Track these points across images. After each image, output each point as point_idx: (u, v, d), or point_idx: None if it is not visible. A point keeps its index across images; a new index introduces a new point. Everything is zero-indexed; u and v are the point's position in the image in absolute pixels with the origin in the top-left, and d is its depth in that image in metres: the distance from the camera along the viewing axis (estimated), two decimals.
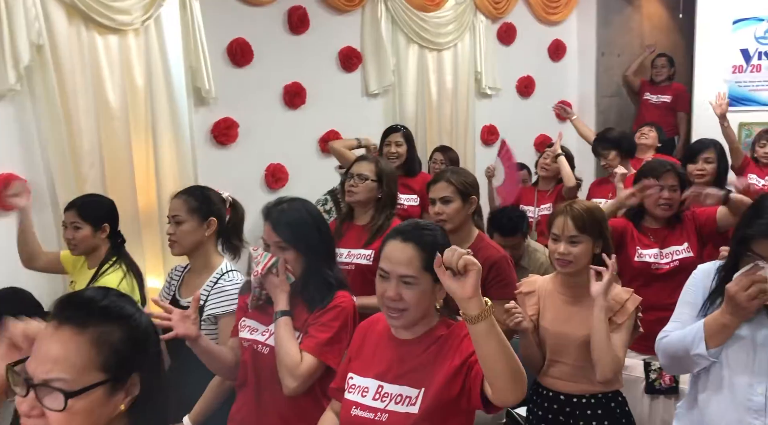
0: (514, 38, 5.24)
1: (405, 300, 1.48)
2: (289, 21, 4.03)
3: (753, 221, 1.53)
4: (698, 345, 1.60)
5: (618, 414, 2.01)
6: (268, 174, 4.04)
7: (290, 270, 1.82)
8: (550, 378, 2.07)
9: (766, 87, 4.85)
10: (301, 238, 1.82)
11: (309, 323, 1.80)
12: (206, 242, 2.23)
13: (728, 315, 1.55)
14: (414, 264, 1.48)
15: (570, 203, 2.10)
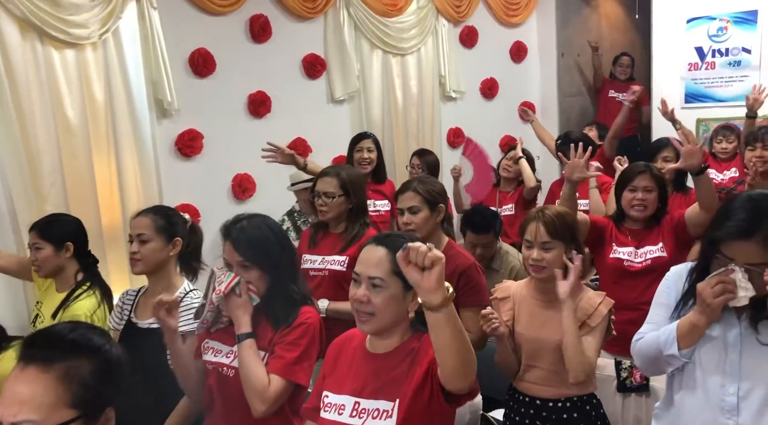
0: (476, 41, 5.29)
1: (373, 303, 1.50)
2: (251, 29, 4.00)
3: (722, 223, 1.54)
4: (671, 346, 1.63)
5: (594, 416, 2.04)
6: (235, 185, 4.00)
7: (253, 290, 1.79)
8: (526, 383, 2.09)
9: (721, 83, 4.99)
10: (264, 256, 1.80)
11: (275, 342, 1.77)
12: (169, 262, 2.20)
13: (698, 315, 1.57)
14: (383, 266, 1.50)
15: (542, 209, 2.12)
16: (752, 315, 1.57)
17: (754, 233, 1.48)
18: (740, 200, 1.57)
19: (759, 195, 1.59)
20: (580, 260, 2.01)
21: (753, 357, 1.57)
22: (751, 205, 1.53)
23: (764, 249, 1.48)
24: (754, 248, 1.48)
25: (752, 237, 1.48)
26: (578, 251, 2.08)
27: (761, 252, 1.48)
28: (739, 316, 1.60)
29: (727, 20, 4.91)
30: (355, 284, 1.54)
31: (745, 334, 1.59)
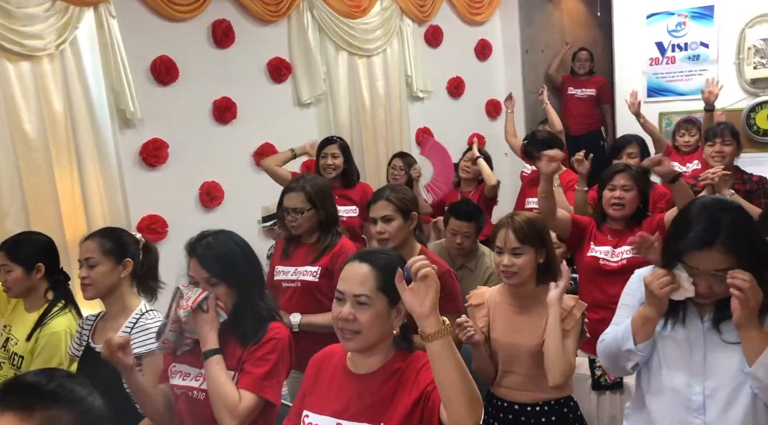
0: (441, 40, 5.29)
1: (359, 321, 1.47)
2: (214, 35, 3.93)
3: (683, 235, 1.57)
4: (627, 341, 1.66)
5: (571, 419, 2.06)
6: (203, 193, 3.94)
7: (221, 306, 1.76)
8: (503, 388, 2.10)
9: (681, 77, 5.09)
10: (230, 272, 1.76)
11: (244, 359, 1.74)
12: (121, 284, 2.14)
13: (647, 307, 1.62)
14: (368, 283, 1.48)
15: (511, 215, 2.13)
16: (714, 317, 1.61)
17: (715, 241, 1.52)
18: (695, 210, 1.60)
19: (712, 202, 1.63)
20: (566, 267, 2.03)
21: (717, 357, 1.61)
22: (708, 213, 1.56)
23: (725, 256, 1.52)
24: (717, 256, 1.52)
25: (713, 246, 1.52)
26: (548, 256, 2.10)
27: (722, 259, 1.52)
28: (702, 317, 1.64)
29: (686, 15, 5.01)
30: (338, 302, 1.51)
31: (708, 335, 1.62)
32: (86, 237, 2.16)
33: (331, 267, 2.59)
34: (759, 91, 4.79)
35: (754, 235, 1.59)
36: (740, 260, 1.52)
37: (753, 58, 4.73)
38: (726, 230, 1.52)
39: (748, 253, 1.53)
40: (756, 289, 1.49)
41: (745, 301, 1.48)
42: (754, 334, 1.52)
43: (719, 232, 1.52)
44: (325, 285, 2.57)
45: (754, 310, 1.51)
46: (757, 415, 1.58)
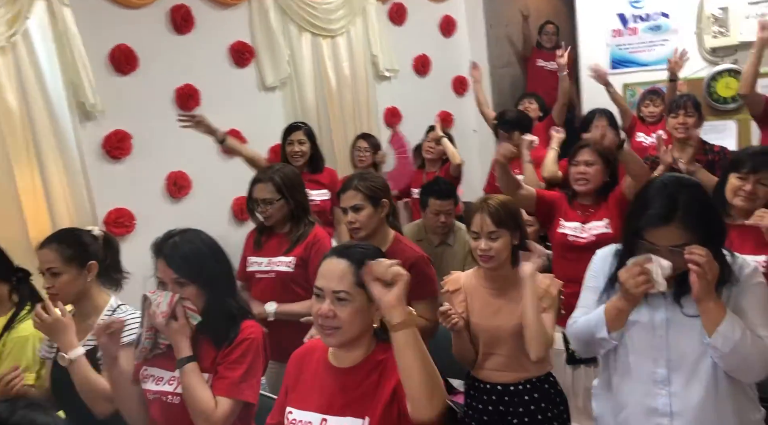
0: (405, 18, 5.24)
1: (339, 317, 1.47)
2: (173, 21, 3.83)
3: (642, 213, 1.62)
4: (601, 330, 1.71)
5: (552, 394, 2.11)
6: (170, 183, 3.87)
7: (193, 309, 1.74)
8: (485, 370, 2.14)
9: (644, 48, 5.13)
10: (199, 272, 1.74)
11: (218, 362, 1.74)
12: (89, 286, 2.10)
13: (622, 301, 1.66)
14: (347, 279, 1.48)
15: (485, 199, 2.15)
16: (675, 292, 1.66)
17: (673, 218, 1.58)
18: (655, 188, 1.65)
19: (671, 180, 1.68)
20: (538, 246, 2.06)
21: (679, 331, 1.67)
22: (667, 192, 1.61)
23: (683, 232, 1.58)
24: (675, 232, 1.58)
25: (671, 222, 1.58)
26: (523, 237, 2.12)
27: (680, 234, 1.58)
28: (664, 295, 1.68)
29: None
30: (318, 299, 1.50)
31: (670, 309, 1.68)
32: (41, 244, 2.08)
33: (305, 257, 2.58)
34: (718, 59, 4.86)
35: (711, 212, 1.66)
36: (697, 236, 1.58)
37: (712, 26, 4.79)
38: (683, 207, 1.58)
39: (705, 229, 1.59)
40: (712, 263, 1.55)
41: (702, 275, 1.54)
42: (711, 306, 1.58)
43: (677, 210, 1.58)
44: (300, 276, 2.56)
45: (711, 284, 1.56)
46: (718, 383, 1.65)
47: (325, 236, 2.73)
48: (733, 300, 1.65)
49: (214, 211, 4.08)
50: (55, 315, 1.70)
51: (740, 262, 1.70)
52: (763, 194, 2.28)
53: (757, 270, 1.71)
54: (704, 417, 1.65)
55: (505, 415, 2.09)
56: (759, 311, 1.65)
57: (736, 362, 1.60)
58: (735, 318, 1.59)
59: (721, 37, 4.77)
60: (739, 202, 2.28)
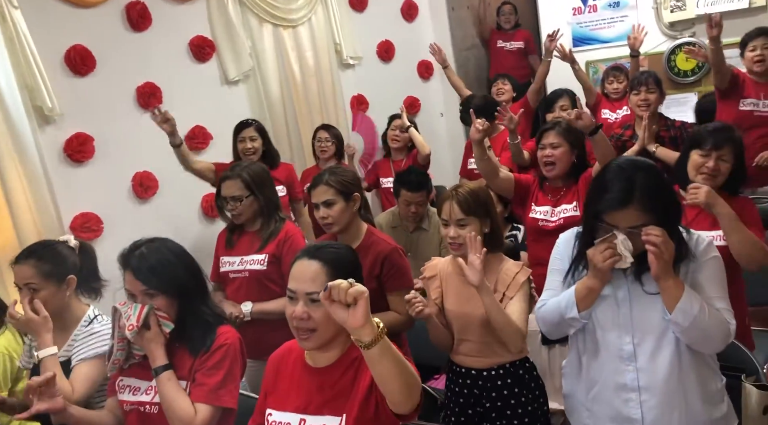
0: (366, 4, 5.20)
1: (313, 318, 1.47)
2: (129, 18, 3.74)
3: (601, 196, 1.67)
4: (571, 310, 1.75)
5: (527, 379, 2.14)
6: (136, 184, 3.81)
7: (164, 316, 1.72)
8: (460, 355, 2.17)
9: (604, 25, 5.18)
10: (168, 281, 1.73)
11: (196, 369, 1.73)
12: (68, 299, 2.07)
13: (592, 279, 1.71)
14: (320, 279, 1.48)
15: (455, 187, 2.16)
16: (636, 270, 1.72)
17: (630, 201, 1.62)
18: (612, 171, 1.70)
19: (627, 163, 1.72)
20: (479, 241, 1.99)
21: (642, 308, 1.73)
22: (624, 175, 1.66)
23: (641, 213, 1.63)
24: (633, 213, 1.63)
25: (629, 205, 1.63)
26: (494, 225, 2.14)
27: (638, 216, 1.63)
28: (625, 273, 1.74)
29: None
30: (291, 302, 1.50)
31: (632, 288, 1.74)
32: (17, 259, 2.04)
33: (278, 254, 2.57)
34: (677, 33, 4.94)
35: (667, 192, 1.70)
36: (654, 216, 1.63)
37: (669, 1, 4.86)
38: (640, 189, 1.63)
39: (661, 210, 1.64)
40: (668, 243, 1.60)
41: (659, 255, 1.59)
42: (670, 284, 1.63)
43: (634, 192, 1.63)
44: (274, 272, 2.56)
45: (668, 262, 1.61)
46: (681, 357, 1.71)
47: (296, 232, 2.72)
48: (691, 276, 1.71)
49: (183, 209, 4.03)
50: (27, 314, 1.66)
51: (696, 238, 1.75)
52: (725, 170, 2.32)
53: (712, 245, 1.76)
54: (670, 389, 1.71)
55: (480, 399, 2.13)
56: (715, 284, 1.71)
57: (696, 335, 1.66)
58: (693, 293, 1.64)
59: (679, 11, 4.84)
60: (701, 180, 2.32)
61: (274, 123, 4.50)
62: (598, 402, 1.81)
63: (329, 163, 4.27)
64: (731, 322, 1.68)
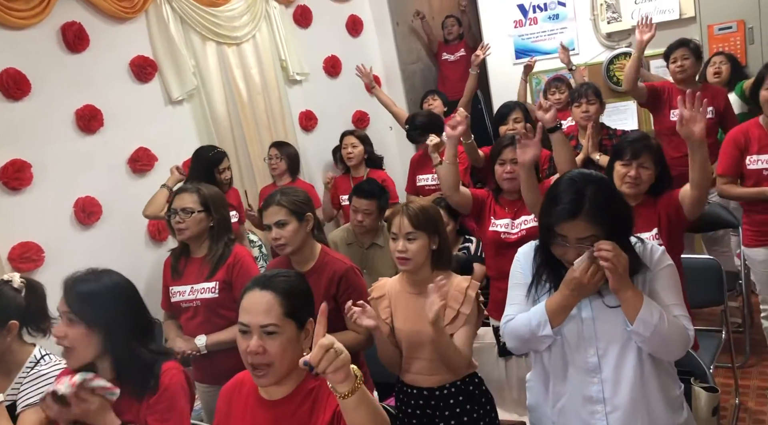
0: (311, 20, 5.19)
1: (269, 352, 1.43)
2: (65, 39, 3.62)
3: (552, 209, 1.70)
4: (544, 327, 1.76)
5: (477, 394, 2.14)
6: (78, 210, 3.67)
7: (110, 387, 1.64)
8: (410, 374, 2.15)
9: (545, 37, 5.31)
10: (92, 312, 1.65)
11: (146, 413, 1.66)
12: (9, 344, 1.96)
13: (570, 297, 1.72)
14: (274, 311, 1.44)
15: (406, 203, 2.17)
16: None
17: (580, 212, 1.66)
18: (564, 183, 1.73)
19: (578, 176, 1.75)
20: (439, 281, 1.99)
21: (604, 320, 1.75)
22: (574, 187, 1.69)
23: (590, 224, 1.66)
24: (582, 224, 1.66)
25: (579, 216, 1.66)
26: (442, 243, 2.14)
27: (587, 227, 1.66)
28: None
29: None
30: (244, 336, 1.45)
31: (593, 302, 1.76)
32: None
33: (229, 279, 2.50)
34: (614, 43, 5.10)
35: (616, 204, 1.74)
36: (603, 228, 1.66)
37: (606, 13, 5.02)
38: (590, 201, 1.66)
39: (611, 221, 1.67)
40: (620, 256, 1.63)
41: (613, 269, 1.62)
42: (629, 295, 1.67)
43: (583, 204, 1.65)
44: (227, 299, 2.49)
45: (624, 275, 1.65)
46: (643, 366, 1.74)
47: (246, 254, 2.65)
48: (648, 285, 1.74)
49: (128, 234, 3.92)
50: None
51: (650, 248, 1.79)
52: (647, 177, 2.47)
53: (665, 254, 1.80)
54: (634, 398, 1.74)
55: (432, 418, 2.12)
56: (671, 292, 1.75)
57: (657, 343, 1.69)
58: (652, 302, 1.68)
59: (615, 23, 5.01)
60: (626, 189, 2.45)
61: (222, 142, 4.42)
62: (564, 414, 1.83)
63: (283, 180, 4.24)
64: (690, 328, 1.72)
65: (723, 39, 4.49)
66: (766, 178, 2.90)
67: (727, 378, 3.23)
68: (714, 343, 2.97)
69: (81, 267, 1.74)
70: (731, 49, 4.42)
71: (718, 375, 3.26)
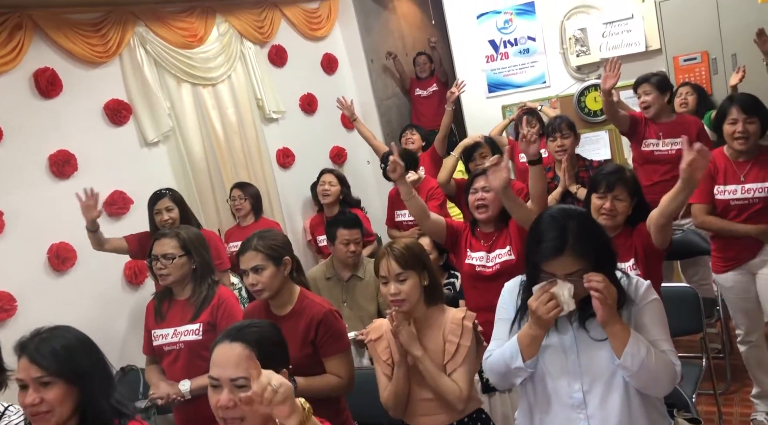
0: (286, 59, 5.24)
1: (240, 406, 1.40)
2: (37, 85, 3.60)
3: (537, 247, 1.71)
4: (516, 359, 1.76)
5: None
6: (52, 256, 3.60)
7: None
8: (417, 416, 2.13)
9: (516, 71, 5.42)
10: (70, 366, 1.59)
11: None
12: None
13: (535, 328, 1.72)
14: (245, 363, 1.41)
15: (389, 244, 2.16)
16: (580, 316, 1.75)
17: (564, 248, 1.67)
18: (545, 221, 1.74)
19: (559, 212, 1.77)
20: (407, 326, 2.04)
21: (589, 354, 1.74)
22: (556, 224, 1.71)
23: (576, 259, 1.67)
24: (568, 260, 1.67)
25: (564, 252, 1.67)
26: (431, 277, 2.14)
27: (573, 262, 1.67)
28: (570, 320, 1.77)
29: (511, 13, 5.33)
30: (215, 390, 1.43)
31: (578, 335, 1.76)
32: None
33: (213, 321, 2.48)
34: (584, 76, 5.22)
35: (599, 237, 1.75)
36: (589, 262, 1.67)
37: (575, 46, 5.15)
38: (573, 236, 1.67)
39: (595, 255, 1.68)
40: (610, 287, 1.64)
41: (603, 300, 1.62)
42: (617, 328, 1.67)
43: (567, 239, 1.66)
44: (211, 341, 2.42)
45: (613, 307, 1.65)
46: (630, 401, 1.73)
47: (230, 296, 2.63)
48: (635, 319, 1.74)
49: (104, 278, 3.85)
50: None
51: (635, 282, 1.80)
52: (622, 209, 2.51)
53: (651, 288, 1.81)
54: None
55: None
56: (658, 327, 1.75)
57: (645, 378, 1.68)
58: (639, 336, 1.68)
59: (584, 56, 5.13)
60: (602, 221, 2.48)
61: (198, 182, 4.41)
62: None
63: (247, 220, 4.22)
64: (677, 364, 1.72)
65: (688, 70, 4.62)
66: (733, 208, 2.94)
67: (710, 406, 3.24)
68: (695, 371, 2.98)
69: (55, 314, 1.70)
70: (697, 79, 4.54)
71: (701, 403, 3.27)
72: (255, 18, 4.90)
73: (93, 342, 1.71)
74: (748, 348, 3.15)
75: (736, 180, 2.93)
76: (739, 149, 2.91)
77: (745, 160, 2.93)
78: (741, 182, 2.91)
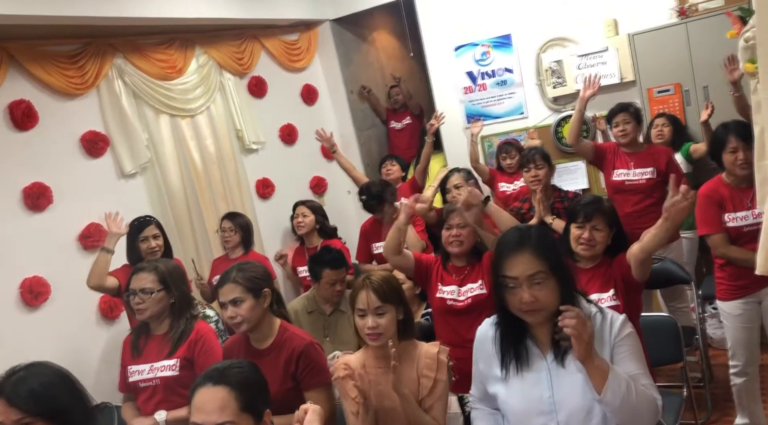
0: (265, 90, 5.25)
1: None
2: (12, 117, 3.56)
3: (500, 254, 1.73)
4: None
5: None
6: (25, 291, 3.52)
7: None
8: None
9: (494, 102, 5.48)
10: (51, 405, 1.55)
11: None
12: None
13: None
14: (229, 407, 1.38)
15: (367, 277, 2.14)
16: (555, 352, 1.73)
17: (525, 244, 1.69)
18: (507, 233, 1.80)
19: (521, 226, 1.87)
20: None
21: (564, 390, 1.72)
22: (518, 232, 1.76)
23: (536, 259, 1.67)
24: (528, 258, 1.67)
25: (524, 248, 1.68)
26: (406, 312, 2.13)
27: (533, 261, 1.67)
28: (545, 355, 1.75)
29: (488, 45, 5.42)
30: None
31: (552, 370, 1.74)
32: None
33: (190, 356, 2.43)
34: (561, 106, 5.29)
35: (558, 249, 1.76)
36: (548, 263, 1.67)
37: (551, 78, 5.23)
38: (533, 238, 1.70)
39: (555, 258, 1.69)
40: (585, 322, 1.62)
41: (579, 336, 1.60)
42: (596, 364, 1.64)
43: (528, 239, 1.69)
44: (187, 377, 2.40)
45: (589, 342, 1.63)
46: None
47: (208, 331, 2.59)
48: (611, 355, 1.73)
49: (79, 313, 3.77)
50: None
51: (610, 318, 1.78)
52: (600, 239, 2.54)
53: (627, 322, 1.80)
54: None
55: None
56: (635, 362, 1.73)
57: (627, 413, 1.65)
58: (618, 371, 1.66)
59: (560, 87, 5.21)
60: (581, 251, 2.53)
61: (176, 214, 4.36)
62: None
63: (236, 252, 4.17)
64: (658, 398, 1.70)
65: (662, 101, 4.71)
66: (745, 234, 2.91)
67: None
68: (677, 401, 2.97)
69: (26, 352, 1.64)
70: (670, 110, 4.64)
71: None
72: (234, 50, 4.92)
73: (72, 377, 1.67)
74: (744, 380, 3.07)
75: (743, 206, 2.93)
76: (743, 175, 2.91)
77: (747, 186, 2.91)
78: (749, 207, 2.91)
